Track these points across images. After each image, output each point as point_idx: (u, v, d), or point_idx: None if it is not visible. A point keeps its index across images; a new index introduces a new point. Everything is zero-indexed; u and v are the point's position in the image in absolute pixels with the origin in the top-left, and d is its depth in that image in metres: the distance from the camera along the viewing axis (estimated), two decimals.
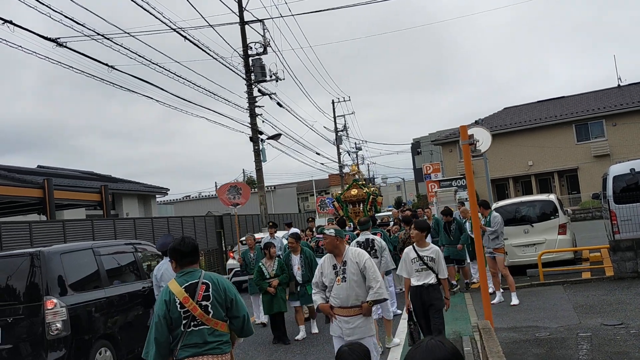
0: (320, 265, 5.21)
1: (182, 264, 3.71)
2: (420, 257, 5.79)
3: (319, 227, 5.68)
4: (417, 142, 65.97)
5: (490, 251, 9.24)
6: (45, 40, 11.35)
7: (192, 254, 3.75)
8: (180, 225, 19.55)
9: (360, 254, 5.07)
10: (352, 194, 15.79)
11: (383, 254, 7.56)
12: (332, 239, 5.03)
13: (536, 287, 10.22)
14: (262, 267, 8.52)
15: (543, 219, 11.70)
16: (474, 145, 6.28)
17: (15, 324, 6.09)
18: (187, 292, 3.58)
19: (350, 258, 5.00)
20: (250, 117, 20.98)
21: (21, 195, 13.87)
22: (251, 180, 52.22)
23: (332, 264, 5.04)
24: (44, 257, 6.40)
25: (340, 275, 4.95)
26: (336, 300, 4.97)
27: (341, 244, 5.07)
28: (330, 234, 5.06)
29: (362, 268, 4.92)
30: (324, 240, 5.11)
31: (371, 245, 7.56)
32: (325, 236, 5.11)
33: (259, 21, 20.63)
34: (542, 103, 36.69)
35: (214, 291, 3.62)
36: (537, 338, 6.80)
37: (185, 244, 3.73)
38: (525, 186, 33.31)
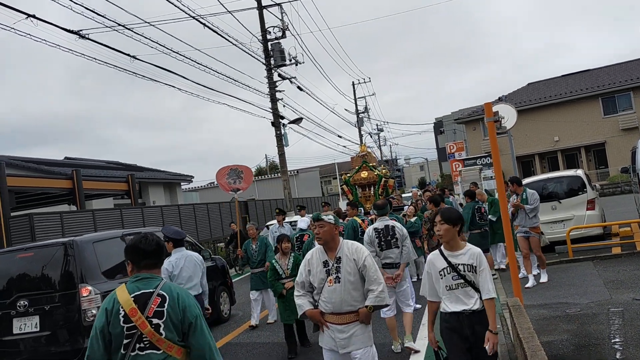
0: (307, 261, 4.20)
1: (139, 266, 2.91)
2: (453, 266, 3.82)
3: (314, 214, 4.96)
4: (440, 122, 65.37)
5: (526, 230, 8.67)
6: (68, 33, 11.50)
7: (155, 254, 2.94)
8: (207, 211, 19.80)
9: (358, 249, 4.11)
10: (362, 176, 14.49)
11: (405, 243, 6.53)
12: (330, 228, 4.08)
13: (565, 264, 10.12)
14: (276, 265, 7.09)
15: (571, 195, 11.55)
16: (499, 123, 6.20)
17: (52, 312, 6.28)
18: (137, 303, 2.75)
19: (346, 254, 4.06)
20: (271, 102, 21.01)
21: (51, 186, 14.18)
22: (274, 165, 52.43)
23: (323, 260, 4.09)
24: (77, 246, 6.58)
25: (333, 275, 4.03)
26: (327, 306, 4.05)
27: (337, 236, 4.17)
28: (329, 220, 4.09)
29: (361, 267, 4.01)
30: (320, 229, 4.09)
31: (391, 233, 6.43)
32: (321, 223, 4.10)
33: (277, 5, 20.55)
34: (567, 77, 35.96)
35: (170, 307, 2.76)
36: (568, 314, 6.75)
37: (148, 241, 2.95)
38: (552, 162, 32.81)
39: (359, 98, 44.62)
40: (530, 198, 8.72)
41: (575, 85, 33.34)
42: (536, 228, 8.69)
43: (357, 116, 43.13)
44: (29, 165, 18.75)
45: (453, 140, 45.65)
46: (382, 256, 6.35)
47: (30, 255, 6.76)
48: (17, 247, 8.06)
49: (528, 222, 8.66)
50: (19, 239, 11.35)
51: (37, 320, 6.33)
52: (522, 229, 8.70)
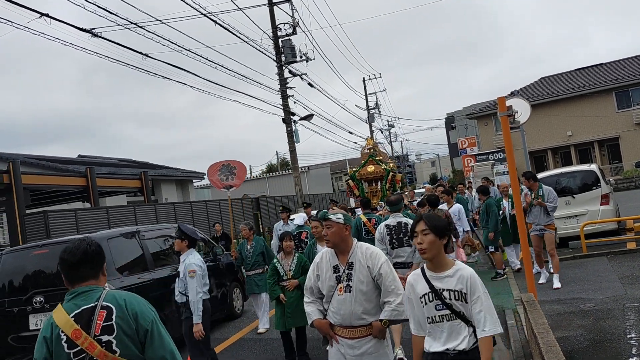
0: (316, 264, 3.73)
1: (71, 280, 2.51)
2: (436, 291, 2.88)
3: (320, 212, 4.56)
4: (451, 117, 65.07)
5: (541, 227, 8.29)
6: (80, 31, 11.59)
7: (84, 264, 2.50)
8: (218, 208, 19.89)
9: (374, 254, 3.56)
10: (369, 170, 13.78)
11: None
12: (339, 229, 3.55)
13: (579, 259, 10.06)
14: (278, 265, 6.43)
15: (584, 190, 11.46)
16: (513, 117, 6.16)
17: None
18: (79, 322, 2.36)
19: (359, 259, 3.55)
20: (282, 99, 21.02)
21: (66, 184, 14.32)
22: (285, 162, 52.50)
23: (334, 264, 3.61)
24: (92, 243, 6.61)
25: (344, 283, 3.54)
26: (336, 317, 3.58)
27: (349, 237, 3.62)
28: (337, 220, 3.57)
29: (376, 275, 3.50)
30: (327, 230, 3.59)
31: (404, 231, 6.05)
32: (329, 224, 3.60)
33: (287, 1, 20.55)
34: (580, 71, 35.62)
35: (119, 319, 2.38)
36: (582, 310, 6.72)
37: (70, 251, 2.51)
38: (565, 157, 32.54)
39: (369, 94, 44.58)
40: (549, 195, 8.30)
41: (588, 79, 33.01)
42: (551, 225, 8.37)
43: (367, 112, 43.06)
44: (43, 163, 18.94)
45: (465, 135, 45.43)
46: (394, 255, 6.14)
47: (45, 252, 6.83)
48: (32, 244, 8.19)
49: (543, 220, 8.29)
50: (34, 236, 11.48)
51: None
52: (537, 227, 8.34)
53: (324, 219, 3.67)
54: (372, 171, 13.75)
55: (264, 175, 47.26)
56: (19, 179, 11.47)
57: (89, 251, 2.55)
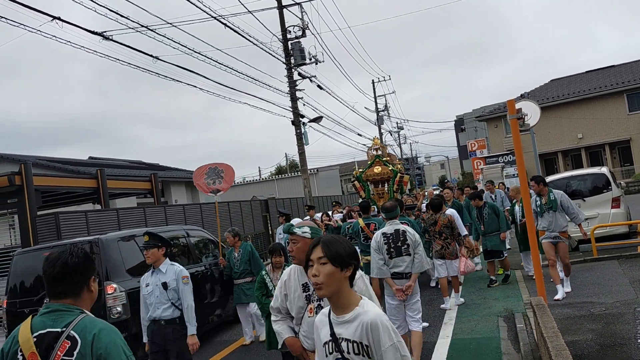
0: (283, 282, 3.35)
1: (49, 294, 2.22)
2: (336, 340, 2.23)
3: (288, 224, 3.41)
4: (461, 119, 64.88)
5: (556, 235, 7.75)
6: (92, 34, 11.68)
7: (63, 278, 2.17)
8: (228, 210, 19.94)
9: None
10: (375, 172, 13.02)
11: (417, 250, 5.70)
12: (304, 244, 3.09)
13: (590, 263, 9.99)
14: (266, 278, 5.70)
15: (595, 193, 11.39)
16: (522, 120, 6.14)
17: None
18: (39, 346, 2.08)
19: None
20: (291, 101, 21.06)
21: (77, 185, 14.42)
22: (294, 164, 52.54)
23: (302, 282, 3.23)
24: (103, 244, 6.72)
25: (314, 303, 3.16)
26: (308, 342, 3.18)
27: None
28: (303, 234, 3.18)
29: None
30: (292, 246, 3.23)
31: (402, 239, 5.70)
32: (294, 238, 3.21)
33: (297, 4, 20.60)
34: (591, 73, 35.41)
35: (80, 356, 2.04)
36: (593, 313, 6.67)
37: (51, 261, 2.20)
38: (575, 160, 32.33)
39: (379, 96, 44.47)
40: (561, 199, 7.78)
41: (599, 81, 32.79)
42: (565, 232, 7.82)
43: (377, 114, 43.03)
44: (55, 165, 19.10)
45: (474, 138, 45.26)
46: (391, 264, 5.70)
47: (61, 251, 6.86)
48: (43, 245, 8.28)
49: (557, 226, 7.75)
50: (45, 237, 11.56)
51: None
52: (551, 234, 7.79)
53: (289, 233, 3.24)
54: (379, 172, 13.03)
55: (273, 177, 47.33)
56: (31, 180, 11.57)
57: (70, 263, 2.18)
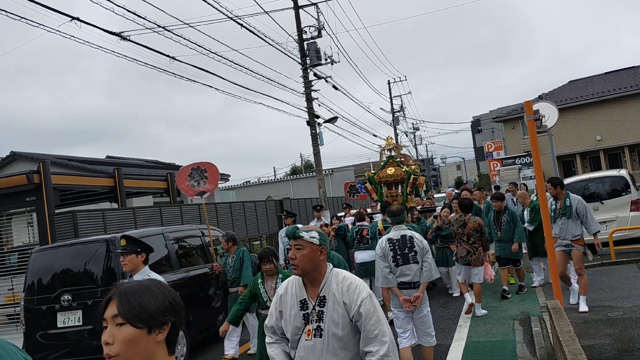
0: (279, 297, 2.87)
1: None
2: None
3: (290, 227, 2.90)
4: (478, 120, 64.46)
5: (568, 243, 7.22)
6: (110, 34, 11.80)
7: None
8: (243, 210, 20.03)
9: (353, 286, 2.69)
10: (388, 173, 12.26)
11: (426, 258, 5.33)
12: (312, 251, 2.70)
13: (607, 266, 9.87)
14: (260, 289, 5.20)
15: (614, 196, 11.26)
16: (540, 121, 6.09)
17: (94, 307, 6.41)
18: None
19: (333, 292, 2.70)
20: (306, 101, 21.08)
21: (94, 184, 14.58)
22: (309, 164, 52.59)
23: (301, 298, 2.76)
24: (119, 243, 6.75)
25: (313, 324, 2.71)
26: None
27: (323, 263, 2.75)
28: (311, 240, 2.71)
29: (355, 315, 2.64)
30: (296, 252, 2.72)
31: (409, 245, 5.33)
32: (299, 243, 2.73)
33: (313, 5, 20.62)
34: (610, 74, 34.95)
35: None
36: (610, 318, 6.59)
37: None
38: (594, 162, 31.94)
39: (394, 97, 44.33)
40: (577, 206, 7.22)
41: (619, 82, 32.36)
42: (580, 240, 7.24)
43: (392, 115, 42.90)
44: (73, 163, 19.32)
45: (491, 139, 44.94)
46: (398, 273, 5.33)
47: (74, 251, 6.98)
48: (61, 242, 8.36)
49: (569, 234, 7.21)
50: (62, 236, 11.70)
51: (80, 315, 6.58)
52: (563, 242, 7.26)
53: (293, 237, 2.75)
54: (392, 174, 12.27)
55: (288, 177, 47.42)
56: (49, 179, 11.71)
57: None
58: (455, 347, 6.34)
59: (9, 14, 9.69)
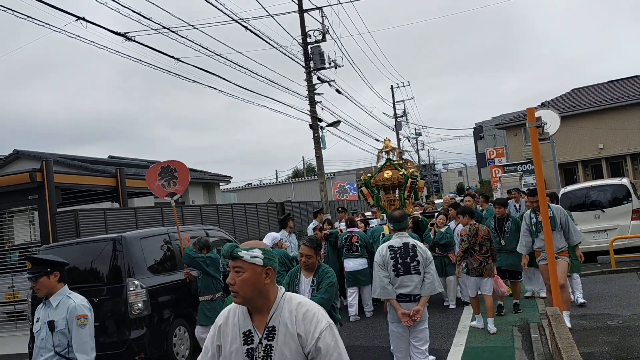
0: (217, 328, 2.34)
1: None
2: None
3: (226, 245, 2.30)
4: (480, 127, 64.49)
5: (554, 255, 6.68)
6: (115, 35, 11.85)
7: None
8: (244, 212, 20.07)
9: (310, 314, 2.21)
10: (385, 176, 11.59)
11: (428, 269, 4.95)
12: (253, 274, 2.21)
13: (607, 275, 9.89)
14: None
15: (615, 204, 11.28)
16: (542, 128, 6.11)
17: (101, 304, 6.52)
18: None
19: (285, 321, 2.21)
20: (309, 105, 21.12)
21: (96, 184, 14.61)
22: (311, 167, 52.60)
23: (245, 329, 2.26)
24: (126, 242, 6.89)
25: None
26: None
27: (271, 287, 2.26)
28: (252, 260, 2.22)
29: (312, 350, 2.18)
30: (235, 276, 2.23)
31: (412, 254, 4.94)
32: (237, 265, 2.23)
33: (317, 9, 20.69)
34: (614, 83, 35.00)
35: None
36: (609, 326, 6.60)
37: None
38: (595, 170, 31.94)
39: (397, 102, 44.43)
40: (560, 215, 6.86)
41: (622, 91, 32.38)
42: (564, 252, 6.89)
43: (395, 120, 42.96)
44: (75, 163, 19.38)
45: (493, 145, 44.96)
46: (397, 284, 4.92)
47: (81, 249, 7.17)
48: (68, 241, 8.48)
49: (556, 245, 6.71)
50: (64, 234, 11.74)
51: None
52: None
53: (230, 257, 2.25)
54: (389, 177, 11.54)
55: (290, 180, 47.46)
56: (52, 178, 11.74)
57: None
58: (454, 353, 6.35)
59: (16, 12, 9.75)
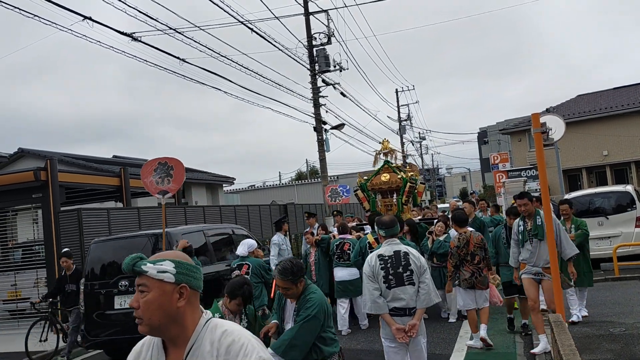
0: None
1: None
2: None
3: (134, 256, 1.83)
4: (484, 131, 64.44)
5: (538, 271, 6.19)
6: (121, 35, 11.89)
7: None
8: (247, 213, 20.06)
9: (236, 346, 1.72)
10: (383, 180, 10.85)
11: (423, 279, 4.47)
12: (161, 294, 1.76)
13: (611, 282, 9.84)
14: None
15: (619, 211, 11.25)
16: (546, 134, 6.08)
17: None
18: None
19: (205, 355, 1.74)
20: (314, 107, 21.13)
21: (100, 183, 14.64)
22: (314, 170, 52.61)
23: None
24: (170, 236, 7.71)
25: None
26: None
27: (189, 310, 1.80)
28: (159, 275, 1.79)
29: None
30: (138, 297, 1.78)
31: (404, 263, 4.47)
32: (142, 282, 1.79)
33: (323, 11, 20.72)
34: (619, 89, 34.92)
35: None
36: (612, 333, 6.56)
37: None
38: (600, 177, 31.85)
39: (402, 105, 44.38)
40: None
41: (627, 98, 32.30)
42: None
43: (399, 124, 42.92)
44: (79, 162, 19.42)
45: (497, 151, 44.89)
46: (390, 297, 4.44)
47: (127, 242, 8.03)
48: (119, 235, 9.41)
49: (540, 259, 6.13)
50: (67, 233, 11.75)
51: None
52: (532, 269, 6.23)
53: (133, 273, 1.81)
54: (387, 180, 10.82)
55: (293, 182, 47.47)
56: (56, 176, 11.77)
57: None
58: (456, 357, 6.33)
59: (22, 11, 9.78)
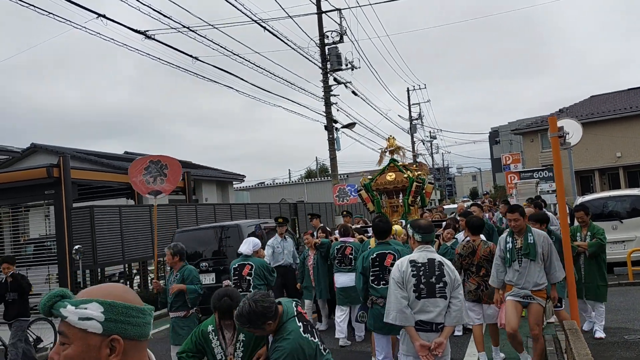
0: None
1: None
2: None
3: (46, 297, 1.32)
4: (496, 131, 64.09)
5: (527, 294, 5.43)
6: (135, 33, 11.91)
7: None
8: (257, 211, 20.08)
9: None
10: (388, 179, 10.34)
11: (456, 294, 4.04)
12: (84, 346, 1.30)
13: (625, 287, 9.73)
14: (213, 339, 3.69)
15: (633, 215, 11.12)
16: (564, 139, 6.00)
17: (224, 271, 9.34)
18: None
19: None
20: (325, 106, 21.09)
21: (112, 180, 14.69)
22: (324, 168, 52.55)
23: None
24: (240, 228, 9.92)
25: None
26: None
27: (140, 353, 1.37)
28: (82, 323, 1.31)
29: None
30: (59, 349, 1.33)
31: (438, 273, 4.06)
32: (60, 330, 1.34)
33: (336, 10, 20.66)
34: (632, 91, 34.54)
35: None
36: (627, 340, 6.48)
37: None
38: (613, 179, 31.54)
39: (413, 104, 44.22)
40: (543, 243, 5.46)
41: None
42: (543, 291, 5.46)
43: (410, 123, 42.79)
44: (91, 157, 19.51)
45: (509, 151, 44.60)
46: (418, 308, 3.99)
47: (206, 232, 10.49)
48: (202, 225, 12.35)
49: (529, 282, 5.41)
50: (79, 229, 11.82)
51: (213, 276, 9.74)
52: (521, 292, 5.47)
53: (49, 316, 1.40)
54: (392, 180, 10.26)
55: (303, 180, 47.45)
56: (68, 173, 11.81)
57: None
58: None
59: (37, 9, 9.83)
